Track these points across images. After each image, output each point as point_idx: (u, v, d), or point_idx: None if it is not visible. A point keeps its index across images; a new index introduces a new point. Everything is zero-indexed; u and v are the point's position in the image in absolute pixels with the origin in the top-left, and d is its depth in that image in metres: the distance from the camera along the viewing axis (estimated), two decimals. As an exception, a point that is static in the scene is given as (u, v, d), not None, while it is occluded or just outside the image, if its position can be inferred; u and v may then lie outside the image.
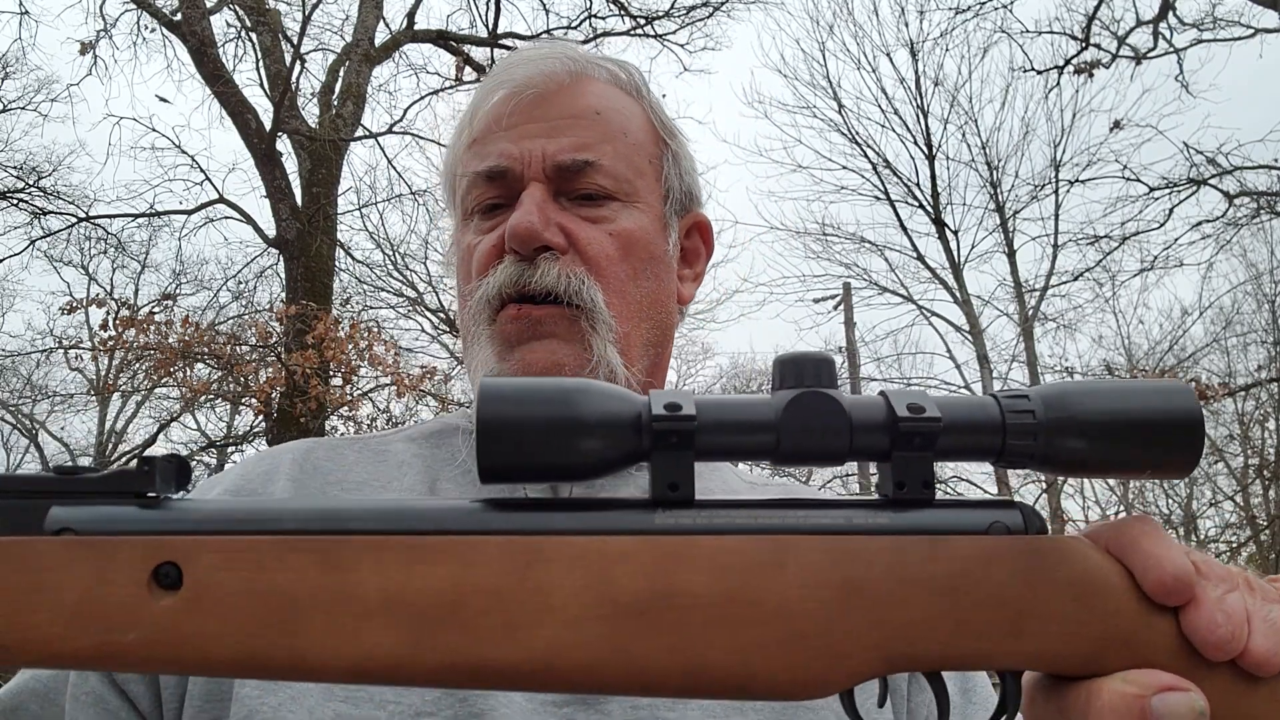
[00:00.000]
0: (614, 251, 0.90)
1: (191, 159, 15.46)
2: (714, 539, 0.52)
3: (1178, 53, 12.08)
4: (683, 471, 0.53)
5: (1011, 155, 24.50)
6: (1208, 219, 12.96)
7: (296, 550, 0.50)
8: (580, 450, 0.52)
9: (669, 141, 0.98)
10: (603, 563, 0.50)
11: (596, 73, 0.96)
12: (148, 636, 0.48)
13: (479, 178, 0.92)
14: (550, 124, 0.91)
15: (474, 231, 0.93)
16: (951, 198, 16.47)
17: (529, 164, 0.90)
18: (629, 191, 0.92)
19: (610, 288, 0.89)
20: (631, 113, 0.96)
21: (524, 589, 0.50)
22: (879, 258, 16.74)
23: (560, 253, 0.88)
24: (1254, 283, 17.80)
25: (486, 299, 0.89)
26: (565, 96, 0.93)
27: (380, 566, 0.50)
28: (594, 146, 0.90)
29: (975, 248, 22.77)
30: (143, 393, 17.59)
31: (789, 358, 0.55)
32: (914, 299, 15.81)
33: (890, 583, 0.52)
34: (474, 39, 13.04)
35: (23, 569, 0.49)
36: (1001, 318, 17.29)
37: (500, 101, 0.92)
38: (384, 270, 15.02)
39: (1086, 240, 14.66)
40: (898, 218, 15.92)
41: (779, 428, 0.53)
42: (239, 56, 13.00)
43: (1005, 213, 15.86)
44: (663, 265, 0.95)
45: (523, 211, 0.87)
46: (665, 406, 0.52)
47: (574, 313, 0.87)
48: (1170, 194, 12.69)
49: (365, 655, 0.49)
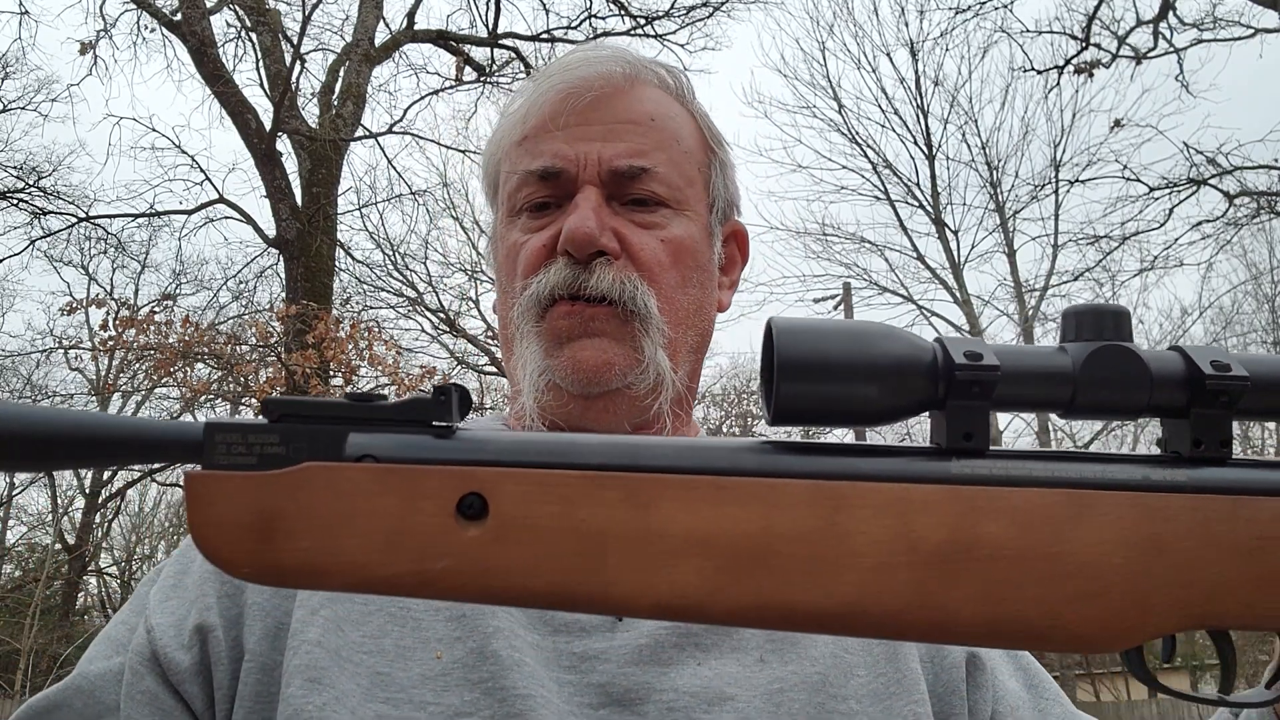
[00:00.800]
0: (665, 258, 0.90)
1: (191, 159, 15.51)
2: (1014, 491, 0.51)
3: (1178, 53, 12.09)
4: (979, 421, 0.53)
5: (1011, 155, 24.48)
6: (1208, 219, 12.98)
7: (603, 486, 0.50)
8: (875, 394, 0.51)
9: (717, 150, 0.99)
10: (906, 510, 0.50)
11: (650, 77, 0.96)
12: (457, 565, 0.49)
13: (531, 176, 0.92)
14: (606, 128, 0.91)
15: (521, 229, 0.93)
16: (951, 198, 16.48)
17: (584, 167, 0.90)
18: (680, 199, 0.93)
19: (661, 294, 0.89)
20: (683, 120, 0.96)
21: (830, 534, 0.50)
22: (879, 258, 16.78)
23: (614, 257, 0.88)
24: (1254, 283, 17.81)
25: (537, 297, 0.89)
26: (621, 100, 0.93)
27: (688, 506, 0.50)
28: (649, 153, 0.91)
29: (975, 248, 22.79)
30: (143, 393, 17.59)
31: (1085, 309, 0.55)
32: (914, 299, 15.83)
33: (1192, 541, 0.52)
34: (474, 39, 13.04)
35: (335, 495, 0.49)
36: (1001, 318, 17.28)
37: (556, 101, 0.92)
38: (384, 270, 15.03)
39: (1086, 240, 14.68)
40: (898, 218, 15.93)
41: (1076, 380, 0.53)
42: (239, 56, 13.03)
43: (1005, 213, 15.86)
44: (708, 273, 0.96)
45: (580, 216, 0.87)
46: (965, 355, 0.52)
47: (626, 315, 0.88)
48: (1170, 194, 12.70)
49: (672, 593, 0.49)
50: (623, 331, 0.88)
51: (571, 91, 0.91)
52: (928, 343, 0.53)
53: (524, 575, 0.49)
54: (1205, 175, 12.26)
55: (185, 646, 0.78)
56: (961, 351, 0.52)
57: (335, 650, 0.77)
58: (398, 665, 0.77)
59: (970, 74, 23.19)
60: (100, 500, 21.73)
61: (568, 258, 0.88)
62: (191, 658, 0.77)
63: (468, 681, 0.76)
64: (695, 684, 0.78)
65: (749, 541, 0.50)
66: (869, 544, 0.50)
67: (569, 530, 0.49)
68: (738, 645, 0.82)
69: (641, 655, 0.79)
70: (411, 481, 0.50)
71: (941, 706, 0.86)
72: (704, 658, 0.80)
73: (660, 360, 0.88)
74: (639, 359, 0.88)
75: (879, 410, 0.52)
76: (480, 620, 0.79)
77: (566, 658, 0.79)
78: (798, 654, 0.83)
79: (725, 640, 0.82)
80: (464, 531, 0.49)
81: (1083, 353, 0.53)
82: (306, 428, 0.51)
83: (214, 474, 0.49)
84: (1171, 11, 11.85)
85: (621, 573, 0.49)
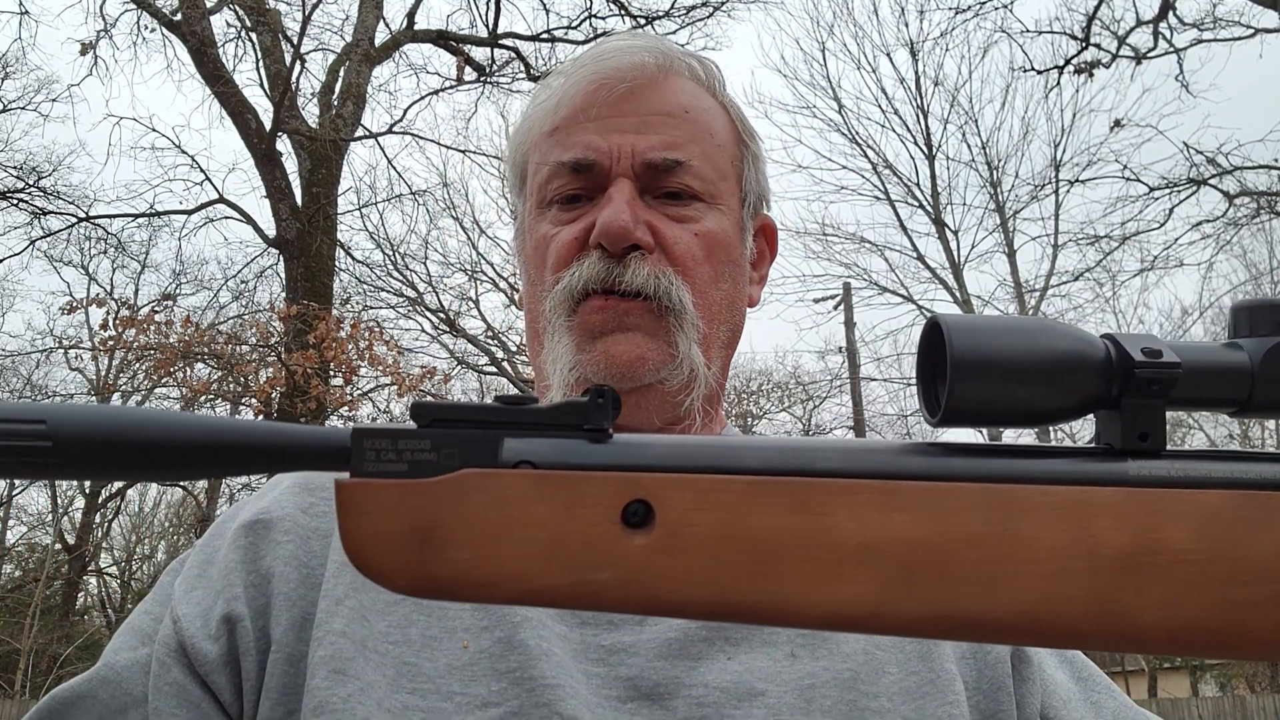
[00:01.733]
0: (699, 252, 0.89)
1: (191, 159, 15.51)
2: (1195, 493, 0.50)
3: (1178, 53, 12.10)
4: (1155, 420, 0.51)
5: (1011, 155, 24.52)
6: (1208, 219, 13.00)
7: (769, 492, 0.48)
8: (1048, 393, 0.50)
9: (749, 143, 0.98)
10: (1084, 514, 0.48)
11: (682, 68, 0.95)
12: (622, 576, 0.47)
13: (562, 168, 0.90)
14: (640, 119, 0.90)
15: (551, 222, 0.92)
16: (951, 198, 16.49)
17: (617, 159, 0.88)
18: (713, 193, 0.91)
19: (695, 289, 0.88)
20: (716, 112, 0.95)
21: (1004, 539, 0.48)
22: (879, 258, 16.79)
23: (648, 251, 0.87)
24: (1254, 283, 17.81)
25: (570, 291, 0.88)
26: (655, 92, 0.91)
27: (855, 512, 0.48)
28: (683, 146, 0.90)
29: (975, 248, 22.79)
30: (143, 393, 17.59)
31: (1259, 304, 0.53)
32: (914, 299, 15.84)
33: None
34: (474, 39, 13.04)
35: (493, 503, 0.47)
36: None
37: (589, 91, 0.90)
38: (384, 270, 15.02)
39: (1086, 240, 14.69)
40: (898, 218, 15.94)
41: (1255, 378, 0.51)
42: (239, 56, 13.03)
43: (1005, 213, 15.87)
44: (739, 268, 0.95)
45: (614, 209, 0.86)
46: (1144, 351, 0.50)
47: (660, 310, 0.87)
48: (1170, 194, 12.72)
49: (842, 602, 0.48)
50: (657, 326, 0.87)
51: (605, 82, 0.90)
52: (1098, 339, 0.51)
53: (690, 585, 0.47)
54: (1205, 175, 12.27)
55: (212, 637, 0.77)
56: (1139, 348, 0.50)
57: (361, 641, 0.75)
58: (424, 655, 0.76)
59: (970, 74, 23.21)
60: (100, 500, 21.73)
61: (601, 251, 0.87)
62: (219, 648, 0.76)
63: (495, 671, 0.75)
64: (725, 679, 0.77)
65: (920, 548, 0.48)
66: (1046, 550, 0.48)
67: (736, 539, 0.47)
68: (768, 640, 0.80)
69: (670, 649, 0.78)
70: (573, 488, 0.48)
71: (988, 704, 0.84)
72: (734, 652, 0.79)
73: (694, 356, 0.87)
74: (673, 354, 0.87)
75: (1050, 410, 0.50)
76: (507, 610, 0.77)
77: (595, 650, 0.77)
78: (829, 649, 0.81)
79: (755, 635, 0.80)
80: (629, 540, 0.47)
81: (1260, 349, 0.51)
82: (460, 433, 0.49)
83: (366, 482, 0.47)
84: (1171, 11, 11.86)
85: (791, 583, 0.47)
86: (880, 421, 17.93)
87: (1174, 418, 7.07)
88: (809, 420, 18.17)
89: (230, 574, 0.80)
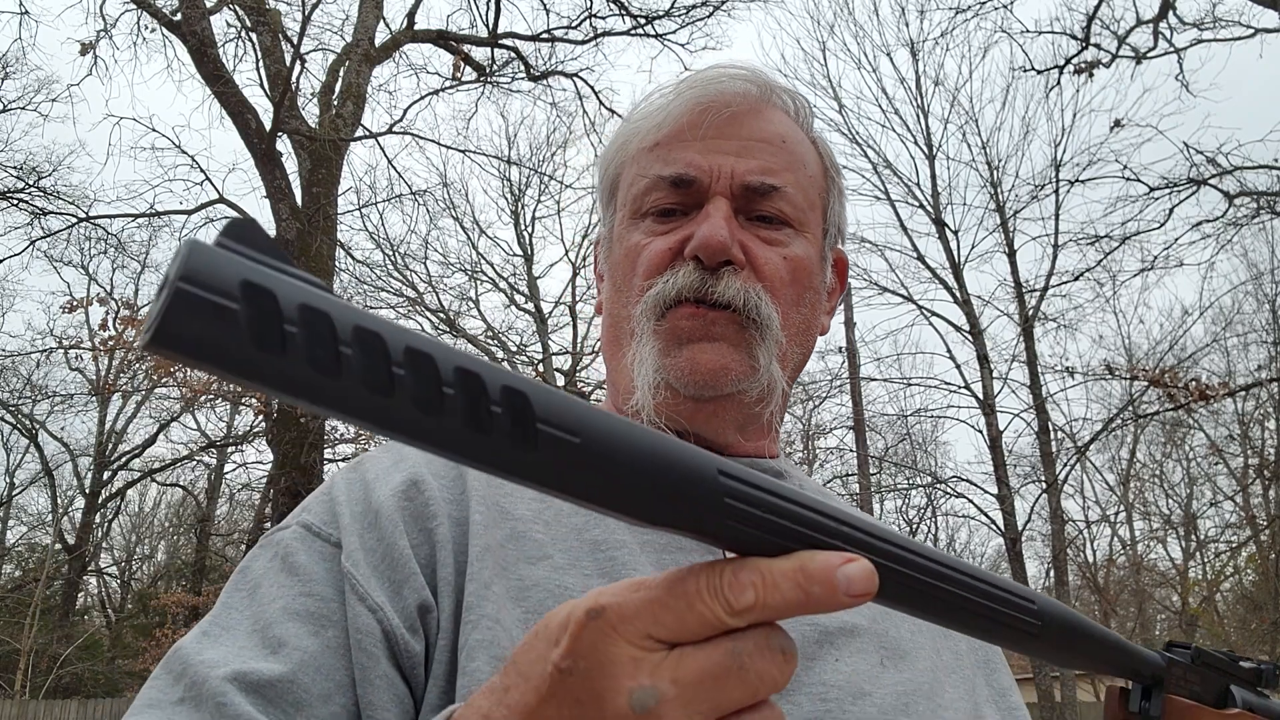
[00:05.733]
0: (786, 275, 0.93)
1: (191, 159, 15.51)
2: None
3: (1178, 52, 12.09)
4: None
5: (1011, 155, 24.55)
6: (1208, 219, 12.98)
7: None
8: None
9: (835, 179, 1.03)
10: None
11: (778, 101, 0.99)
12: None
13: (662, 181, 0.94)
14: (741, 143, 0.94)
15: (643, 232, 0.95)
16: (951, 198, 16.49)
17: (716, 178, 0.92)
18: (802, 221, 0.95)
19: (780, 308, 0.92)
20: (807, 146, 0.99)
21: None
22: (879, 258, 16.79)
23: (739, 267, 0.91)
24: (1254, 283, 17.82)
25: (662, 297, 0.91)
26: (755, 119, 0.96)
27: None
28: (779, 173, 0.94)
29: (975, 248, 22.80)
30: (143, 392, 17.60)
31: None
32: (914, 299, 15.82)
33: None
34: (474, 39, 13.04)
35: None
36: (1001, 318, 17.30)
37: (695, 112, 0.95)
38: (384, 270, 15.04)
39: (1086, 240, 14.67)
40: (898, 218, 15.93)
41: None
42: (239, 56, 13.02)
43: (1005, 213, 15.86)
44: (818, 295, 0.99)
45: (713, 225, 0.90)
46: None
47: (746, 323, 0.90)
48: (1170, 194, 12.71)
49: None
50: (741, 338, 0.90)
51: (710, 105, 0.94)
52: None
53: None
54: (1205, 175, 12.27)
55: (414, 631, 0.77)
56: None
57: (508, 628, 0.77)
58: None
59: (970, 74, 23.24)
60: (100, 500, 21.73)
61: (696, 263, 0.90)
62: (419, 643, 0.77)
63: None
64: (838, 678, 0.82)
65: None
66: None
67: None
68: (859, 649, 0.86)
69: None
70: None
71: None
72: (840, 655, 0.84)
73: (775, 370, 0.91)
74: (755, 367, 0.90)
75: None
76: None
77: None
78: (908, 663, 0.87)
79: (851, 642, 0.86)
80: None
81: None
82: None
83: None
84: (1171, 11, 11.86)
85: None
86: (880, 421, 17.94)
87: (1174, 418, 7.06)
88: (809, 420, 18.17)
89: (408, 560, 0.79)
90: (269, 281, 0.34)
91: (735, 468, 0.43)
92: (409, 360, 0.36)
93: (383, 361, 0.35)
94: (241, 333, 0.33)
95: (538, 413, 0.38)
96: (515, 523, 0.85)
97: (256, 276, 0.34)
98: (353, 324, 0.35)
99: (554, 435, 0.38)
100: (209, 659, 0.74)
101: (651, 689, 0.43)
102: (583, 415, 0.39)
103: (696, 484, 0.41)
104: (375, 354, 0.35)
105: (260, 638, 0.76)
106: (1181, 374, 13.16)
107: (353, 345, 0.35)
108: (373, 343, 0.35)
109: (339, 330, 0.35)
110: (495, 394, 0.37)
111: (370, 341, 0.35)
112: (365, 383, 0.35)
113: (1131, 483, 21.53)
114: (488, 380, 0.37)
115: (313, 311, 0.35)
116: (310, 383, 0.35)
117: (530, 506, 0.87)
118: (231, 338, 0.33)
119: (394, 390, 0.36)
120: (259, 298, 0.34)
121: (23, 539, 22.84)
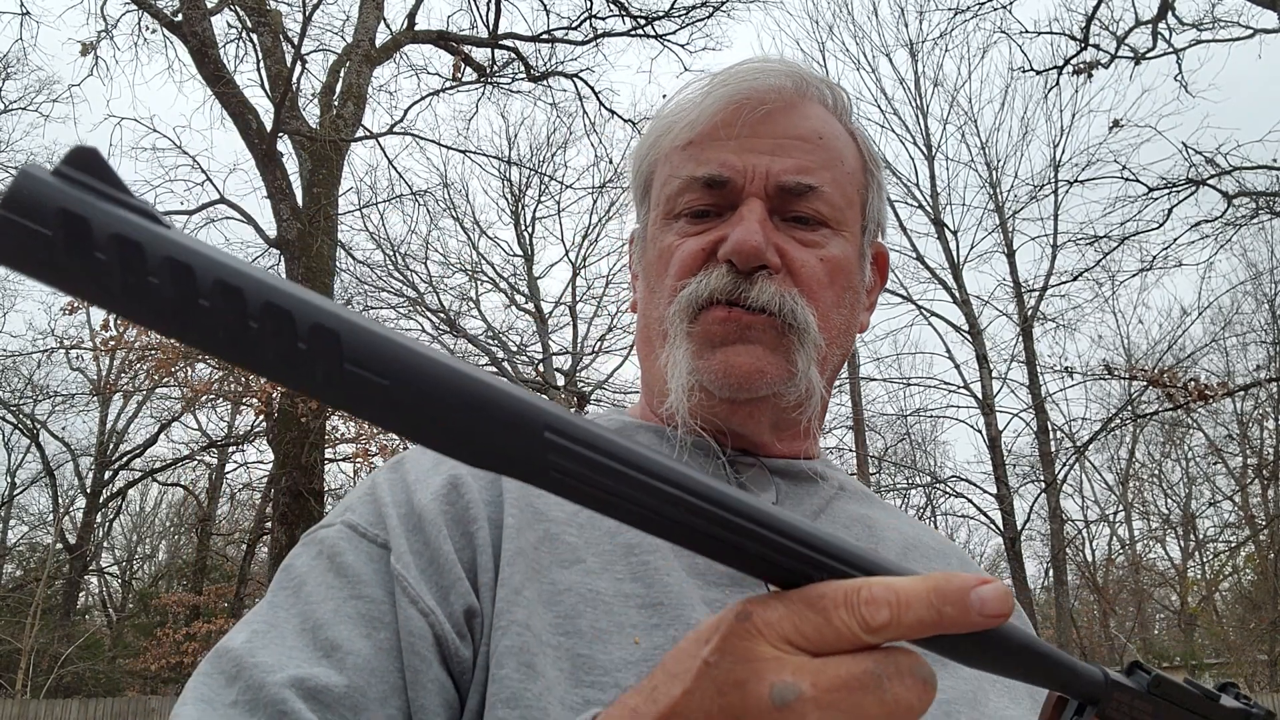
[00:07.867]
0: (824, 277, 0.90)
1: (192, 159, 15.50)
2: None
3: (1177, 53, 12.10)
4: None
5: (1011, 155, 24.56)
6: (1207, 219, 13.00)
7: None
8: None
9: (875, 172, 0.99)
10: None
11: (815, 94, 0.96)
12: None
13: (695, 182, 0.91)
14: (776, 142, 0.91)
15: (677, 233, 0.93)
16: (951, 198, 16.52)
17: (751, 179, 0.90)
18: (840, 220, 0.93)
19: (819, 312, 0.90)
20: (845, 140, 0.96)
21: None
22: (879, 258, 16.71)
23: (774, 272, 0.88)
24: (1253, 282, 17.84)
25: (695, 299, 0.89)
26: (791, 116, 0.93)
27: None
28: (816, 172, 0.91)
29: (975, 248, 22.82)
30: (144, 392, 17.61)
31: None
32: (914, 299, 15.83)
33: None
34: (474, 39, 13.06)
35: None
36: (1001, 318, 17.32)
37: (728, 110, 0.92)
38: (384, 270, 15.04)
39: (1086, 240, 14.69)
40: (897, 218, 15.92)
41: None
42: (240, 57, 13.05)
43: (1005, 213, 15.88)
44: (857, 295, 0.96)
45: (747, 228, 0.87)
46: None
47: (783, 327, 0.88)
48: (1169, 194, 12.72)
49: None
50: (778, 343, 0.88)
51: (744, 103, 0.91)
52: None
53: None
54: (1204, 175, 12.28)
55: (463, 636, 0.75)
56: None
57: (538, 634, 0.75)
58: (597, 648, 0.75)
59: (970, 74, 23.19)
60: (101, 500, 21.72)
61: (729, 266, 0.88)
62: (468, 649, 0.75)
63: None
64: None
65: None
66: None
67: None
68: None
69: None
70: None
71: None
72: None
73: (812, 375, 0.89)
74: (792, 371, 0.88)
75: None
76: (681, 610, 0.78)
77: None
78: (950, 671, 0.83)
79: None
80: None
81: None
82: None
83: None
84: (1170, 11, 11.87)
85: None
86: (879, 421, 17.95)
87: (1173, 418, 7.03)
88: (809, 420, 18.15)
89: (453, 564, 0.78)
90: (85, 210, 0.37)
91: (563, 413, 0.44)
92: (217, 292, 0.38)
93: (188, 292, 0.38)
94: (57, 255, 0.36)
95: (346, 353, 0.39)
96: (549, 524, 0.83)
97: (74, 205, 0.37)
98: (164, 255, 0.37)
99: (361, 376, 0.40)
100: (264, 662, 0.72)
101: (793, 685, 0.44)
102: (397, 357, 0.40)
103: (518, 427, 0.42)
104: (182, 285, 0.38)
105: (311, 639, 0.74)
106: (1180, 374, 13.17)
107: (160, 275, 0.37)
108: (180, 274, 0.38)
109: (149, 260, 0.37)
110: (304, 332, 0.39)
111: (178, 273, 0.37)
112: (172, 311, 0.38)
113: (1130, 482, 21.56)
114: (298, 317, 0.39)
115: (124, 240, 0.37)
116: (124, 305, 0.37)
117: (565, 508, 0.86)
118: (47, 260, 0.36)
119: (198, 321, 0.38)
120: (73, 224, 0.37)
121: (24, 539, 22.85)
